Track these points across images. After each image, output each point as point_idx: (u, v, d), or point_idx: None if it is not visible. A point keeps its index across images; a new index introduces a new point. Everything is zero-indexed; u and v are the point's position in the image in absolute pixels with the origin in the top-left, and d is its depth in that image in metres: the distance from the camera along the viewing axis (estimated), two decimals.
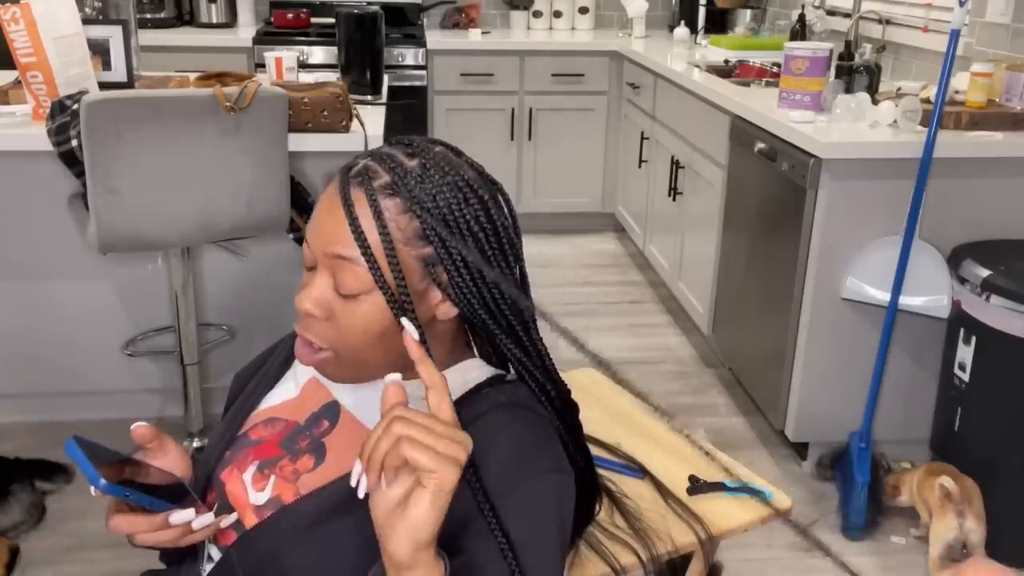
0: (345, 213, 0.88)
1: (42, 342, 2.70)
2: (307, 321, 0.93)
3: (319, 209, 0.93)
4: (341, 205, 0.89)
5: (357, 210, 0.88)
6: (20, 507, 2.32)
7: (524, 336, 0.96)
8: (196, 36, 4.28)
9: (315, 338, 0.93)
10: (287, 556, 0.92)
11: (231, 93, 2.09)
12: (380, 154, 0.93)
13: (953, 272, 2.32)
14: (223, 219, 2.19)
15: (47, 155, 2.15)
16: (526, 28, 4.82)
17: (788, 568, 2.28)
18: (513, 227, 0.96)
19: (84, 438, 0.88)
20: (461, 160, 0.96)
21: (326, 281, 0.92)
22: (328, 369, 0.96)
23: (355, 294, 0.90)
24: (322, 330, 0.93)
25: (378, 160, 0.92)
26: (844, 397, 2.53)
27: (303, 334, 0.94)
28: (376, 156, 0.93)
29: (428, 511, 0.76)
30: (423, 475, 0.76)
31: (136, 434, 0.96)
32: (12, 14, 2.13)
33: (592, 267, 4.29)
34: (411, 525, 0.77)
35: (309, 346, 0.94)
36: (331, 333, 0.93)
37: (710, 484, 1.45)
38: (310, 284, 0.93)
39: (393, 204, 0.89)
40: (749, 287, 2.89)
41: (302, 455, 0.99)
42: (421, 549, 0.77)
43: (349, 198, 0.89)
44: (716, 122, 3.12)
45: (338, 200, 0.90)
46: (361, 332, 0.92)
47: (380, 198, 0.89)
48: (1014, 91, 2.48)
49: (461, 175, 0.92)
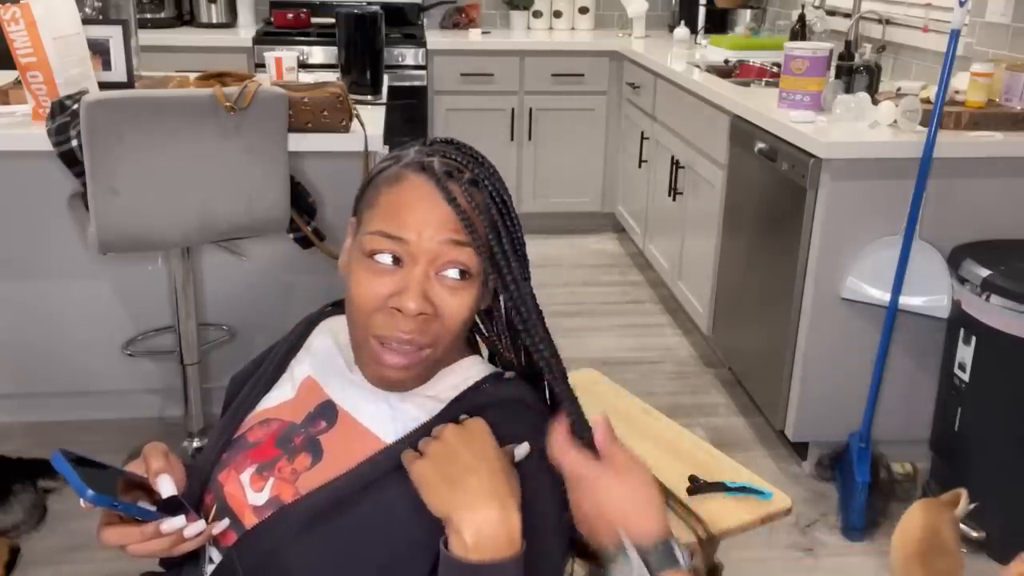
0: (451, 205, 0.92)
1: (42, 342, 2.70)
2: (413, 322, 0.93)
3: (407, 202, 0.94)
4: (441, 199, 0.92)
5: (462, 201, 0.93)
6: (21, 507, 2.32)
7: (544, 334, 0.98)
8: (196, 36, 4.28)
9: (421, 337, 0.93)
10: (288, 556, 0.92)
11: (231, 93, 2.09)
12: (442, 152, 0.97)
13: (953, 272, 2.32)
14: (223, 219, 2.19)
15: (47, 155, 2.15)
16: (526, 28, 4.82)
17: (788, 568, 2.28)
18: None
19: (71, 452, 0.87)
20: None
21: (428, 273, 0.93)
22: (416, 370, 0.96)
23: (473, 275, 0.94)
24: (429, 327, 0.94)
25: (449, 158, 0.97)
26: (844, 397, 2.53)
27: (403, 336, 0.93)
28: (442, 155, 0.97)
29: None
30: None
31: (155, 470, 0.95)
32: (12, 14, 2.13)
33: (592, 267, 4.29)
34: None
35: (408, 347, 0.94)
36: (436, 329, 0.94)
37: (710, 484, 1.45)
38: (409, 283, 0.92)
39: (479, 198, 0.95)
40: (749, 287, 2.89)
41: (298, 453, 0.99)
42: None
43: (450, 192, 0.92)
44: (716, 122, 3.12)
45: (431, 192, 0.93)
46: (462, 321, 0.95)
47: (471, 191, 0.94)
48: (1014, 91, 2.48)
49: (500, 179, 1.00)
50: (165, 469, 0.95)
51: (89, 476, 0.86)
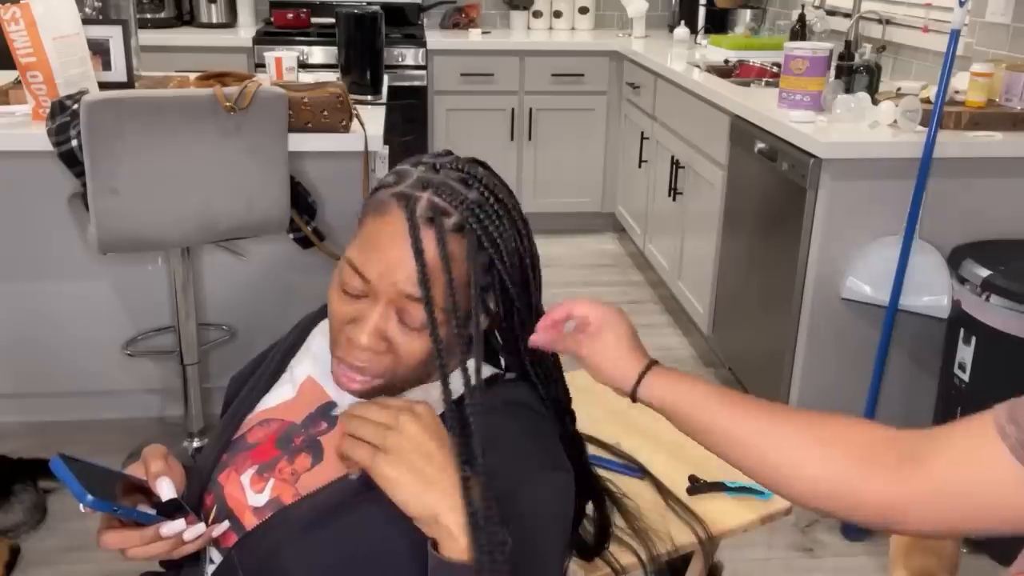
0: (416, 260, 0.88)
1: (42, 342, 2.70)
2: (363, 354, 0.92)
3: (379, 240, 0.91)
4: (410, 247, 0.88)
5: (429, 253, 0.89)
6: (22, 507, 2.32)
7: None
8: (196, 36, 4.28)
9: (372, 367, 0.93)
10: (288, 556, 0.92)
11: (231, 93, 2.09)
12: (438, 185, 0.92)
13: (953, 272, 2.32)
14: (223, 219, 2.19)
15: (47, 155, 2.15)
16: (526, 28, 4.82)
17: (788, 568, 2.28)
18: (532, 244, 1.01)
19: (70, 456, 0.87)
20: (497, 181, 0.98)
21: (386, 313, 0.91)
22: (371, 393, 0.95)
23: (422, 328, 0.91)
24: (378, 362, 0.93)
25: (441, 194, 0.91)
26: (844, 397, 2.53)
27: (354, 363, 0.93)
28: (436, 188, 0.91)
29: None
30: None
31: (153, 472, 0.95)
32: (12, 14, 2.13)
33: (592, 267, 4.29)
34: None
35: (358, 374, 0.93)
36: (387, 364, 0.93)
37: (710, 484, 1.45)
38: (366, 317, 0.92)
39: (462, 245, 0.91)
40: (749, 287, 2.89)
41: (299, 453, 0.99)
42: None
43: (420, 243, 0.88)
44: (716, 122, 3.12)
45: (404, 237, 0.89)
46: (417, 363, 0.93)
47: (449, 241, 0.89)
48: (1014, 91, 2.48)
49: (513, 205, 0.96)
50: (164, 471, 0.95)
51: (88, 480, 0.86)
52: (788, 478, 0.87)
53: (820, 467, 0.85)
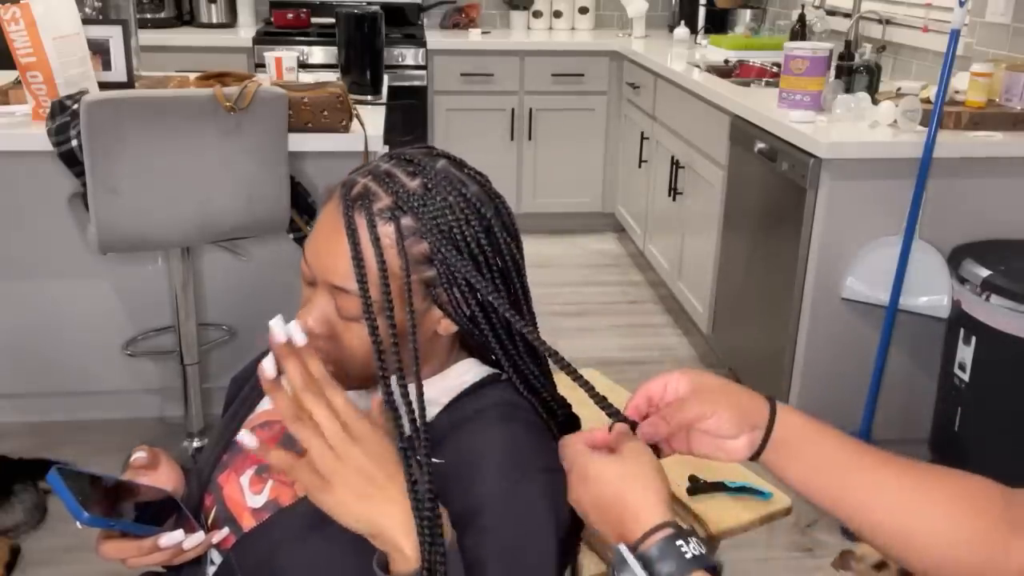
0: (349, 246, 0.87)
1: (42, 342, 2.70)
2: (308, 337, 0.91)
3: (319, 229, 0.92)
4: (343, 231, 0.87)
5: (359, 237, 0.87)
6: (22, 507, 2.32)
7: (523, 350, 0.97)
8: (196, 36, 4.28)
9: (322, 354, 0.91)
10: (285, 558, 0.92)
11: (231, 93, 2.09)
12: (380, 173, 0.91)
13: (953, 272, 2.32)
14: (223, 219, 2.19)
15: (47, 155, 2.15)
16: (526, 28, 4.82)
17: (788, 568, 2.28)
18: (515, 243, 0.96)
19: (67, 467, 0.86)
20: (464, 174, 0.94)
21: (327, 300, 0.92)
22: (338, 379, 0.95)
23: (356, 318, 0.90)
24: (325, 347, 0.92)
25: (379, 181, 0.90)
26: (844, 397, 2.53)
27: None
28: (377, 176, 0.91)
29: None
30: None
31: (136, 464, 0.96)
32: (12, 14, 2.13)
33: (592, 267, 4.29)
34: None
35: None
36: (332, 349, 0.93)
37: (710, 484, 1.45)
38: (311, 302, 0.92)
39: (393, 229, 0.88)
40: (749, 287, 2.89)
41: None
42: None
43: (353, 225, 0.87)
44: (716, 122, 3.12)
45: (339, 225, 0.88)
46: (362, 351, 0.92)
47: (380, 224, 0.88)
48: (1014, 91, 2.48)
49: (463, 193, 0.91)
50: (144, 453, 0.98)
51: (85, 494, 0.85)
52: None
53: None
